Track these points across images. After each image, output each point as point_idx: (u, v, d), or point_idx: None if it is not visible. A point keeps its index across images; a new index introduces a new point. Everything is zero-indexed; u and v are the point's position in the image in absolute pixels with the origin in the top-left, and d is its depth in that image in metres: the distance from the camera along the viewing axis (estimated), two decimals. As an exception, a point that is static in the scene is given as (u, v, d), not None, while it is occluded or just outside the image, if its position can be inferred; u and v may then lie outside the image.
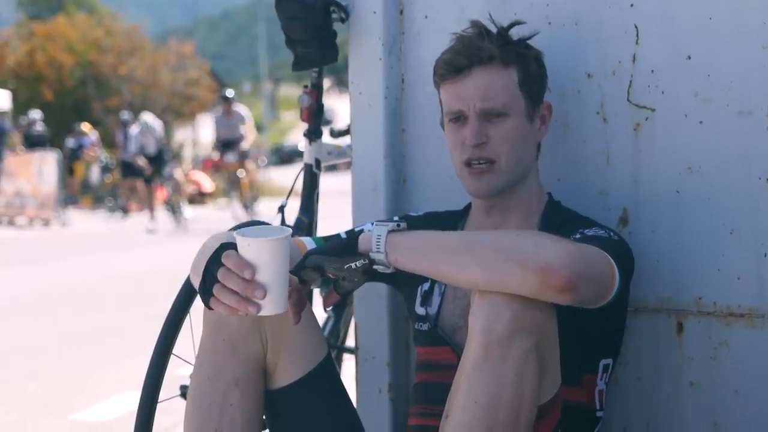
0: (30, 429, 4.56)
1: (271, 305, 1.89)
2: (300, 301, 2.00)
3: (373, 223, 2.00)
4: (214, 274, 1.90)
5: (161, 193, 22.38)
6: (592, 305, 1.91)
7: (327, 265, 1.98)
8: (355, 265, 1.97)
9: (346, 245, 2.02)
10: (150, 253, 12.64)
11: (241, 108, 17.89)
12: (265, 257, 1.87)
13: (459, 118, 2.14)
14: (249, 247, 1.87)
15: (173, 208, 17.23)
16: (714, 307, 2.21)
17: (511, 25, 2.17)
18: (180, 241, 13.53)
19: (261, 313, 1.89)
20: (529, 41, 2.18)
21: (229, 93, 17.70)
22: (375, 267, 1.97)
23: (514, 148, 2.12)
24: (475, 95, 2.11)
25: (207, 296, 1.92)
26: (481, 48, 2.11)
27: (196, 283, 2.10)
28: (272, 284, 1.87)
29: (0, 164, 17.33)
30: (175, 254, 10.80)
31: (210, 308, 1.94)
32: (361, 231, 2.12)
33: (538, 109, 2.17)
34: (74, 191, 21.20)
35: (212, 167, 19.90)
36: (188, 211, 17.51)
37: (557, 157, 2.31)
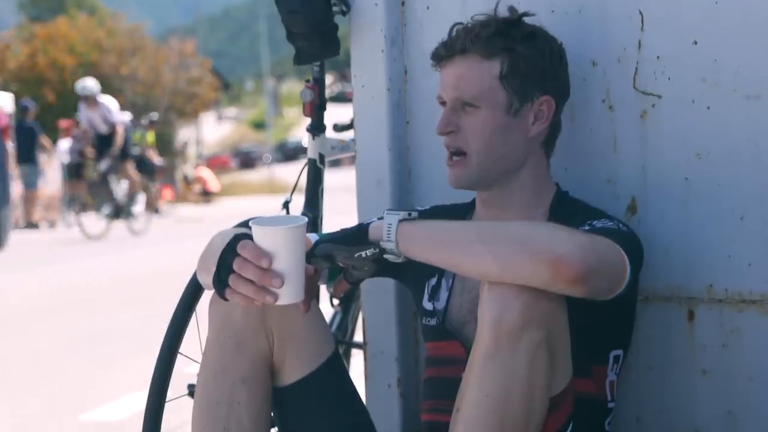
0: (39, 430, 4.55)
1: (288, 294, 1.87)
2: (311, 289, 1.99)
3: (382, 216, 1.98)
4: (229, 264, 1.88)
5: (168, 192, 22.45)
6: (604, 297, 1.89)
7: (337, 253, 1.97)
8: (366, 253, 1.96)
9: (356, 234, 2.01)
10: (155, 252, 12.64)
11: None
12: (281, 246, 1.85)
13: (444, 105, 2.15)
14: (266, 236, 1.86)
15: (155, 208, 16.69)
16: (725, 294, 2.18)
17: (514, 17, 2.14)
18: (185, 241, 13.53)
19: (278, 303, 1.87)
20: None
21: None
22: (385, 256, 1.96)
23: (484, 140, 2.09)
24: (449, 84, 2.12)
25: (222, 287, 1.91)
26: (458, 39, 2.11)
27: (203, 280, 2.09)
28: (289, 273, 1.86)
29: (36, 167, 17.12)
30: (180, 253, 10.80)
31: (225, 299, 1.92)
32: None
33: (529, 104, 2.11)
34: (82, 193, 21.16)
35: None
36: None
37: (564, 147, 2.28)
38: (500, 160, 2.11)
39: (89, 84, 15.77)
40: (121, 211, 15.29)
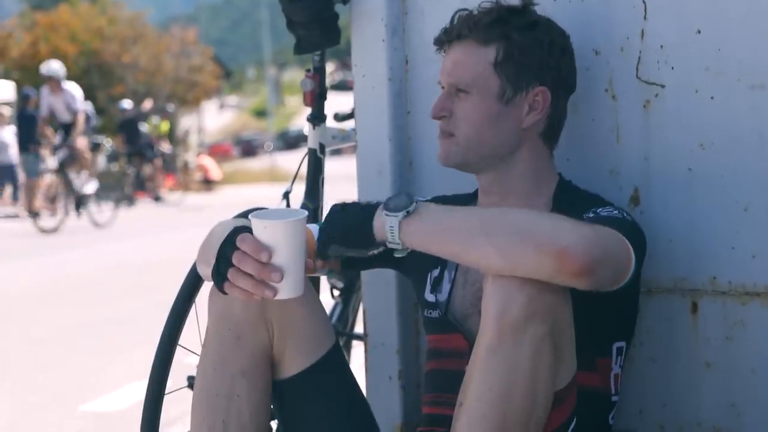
0: (39, 421, 4.54)
1: (288, 288, 1.85)
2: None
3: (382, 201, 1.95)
4: (228, 257, 1.86)
5: (170, 180, 22.42)
6: (608, 288, 1.87)
7: (348, 255, 1.97)
8: (376, 252, 1.97)
9: (362, 236, 1.96)
10: (156, 241, 12.63)
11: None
12: (281, 239, 1.83)
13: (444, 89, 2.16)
14: (265, 229, 1.84)
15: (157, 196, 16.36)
16: (729, 286, 2.16)
17: (518, 6, 2.12)
18: (186, 230, 13.52)
19: (278, 297, 1.86)
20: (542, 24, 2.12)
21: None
22: (395, 255, 1.95)
23: (473, 126, 2.08)
24: (446, 69, 2.12)
25: (221, 281, 1.89)
26: (459, 25, 2.11)
27: (203, 271, 2.07)
28: (289, 267, 1.84)
29: (38, 155, 16.95)
30: (181, 242, 10.79)
31: (224, 293, 1.90)
32: (370, 205, 2.04)
33: (523, 93, 2.09)
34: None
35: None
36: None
37: (566, 137, 2.25)
38: (489, 147, 2.10)
39: (54, 66, 14.69)
40: (80, 202, 14.63)
